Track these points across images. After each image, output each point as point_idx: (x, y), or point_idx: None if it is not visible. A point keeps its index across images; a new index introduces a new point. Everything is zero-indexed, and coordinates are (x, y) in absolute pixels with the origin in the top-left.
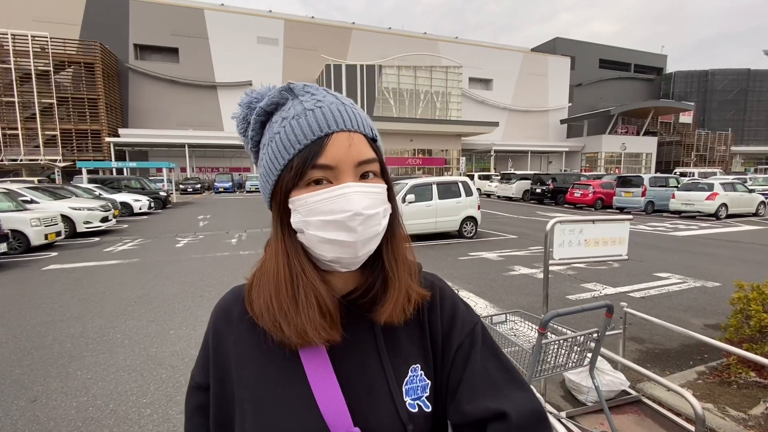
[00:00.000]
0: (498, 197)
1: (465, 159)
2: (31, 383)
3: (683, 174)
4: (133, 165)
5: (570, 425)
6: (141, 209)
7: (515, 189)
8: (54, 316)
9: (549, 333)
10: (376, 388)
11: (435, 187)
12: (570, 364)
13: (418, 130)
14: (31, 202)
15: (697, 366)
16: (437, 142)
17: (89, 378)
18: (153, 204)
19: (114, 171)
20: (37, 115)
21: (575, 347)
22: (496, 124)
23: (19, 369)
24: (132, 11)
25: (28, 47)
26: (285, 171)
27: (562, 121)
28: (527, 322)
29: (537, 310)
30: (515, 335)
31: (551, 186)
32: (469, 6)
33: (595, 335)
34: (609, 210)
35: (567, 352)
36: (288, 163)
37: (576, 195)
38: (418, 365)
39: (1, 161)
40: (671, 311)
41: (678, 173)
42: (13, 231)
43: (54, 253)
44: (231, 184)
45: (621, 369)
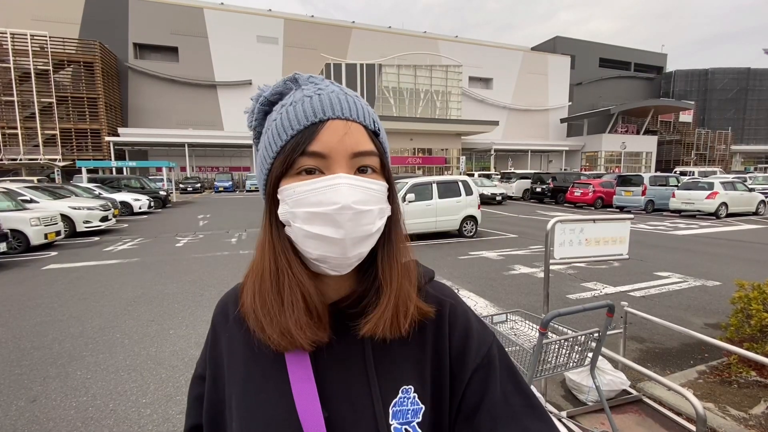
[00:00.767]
0: None
1: (465, 158)
2: (31, 383)
3: (683, 173)
4: (133, 164)
5: (571, 425)
6: (141, 209)
7: (515, 188)
8: (53, 315)
9: (550, 333)
10: (359, 406)
11: (435, 186)
12: (571, 363)
13: (417, 129)
14: (31, 201)
15: (698, 365)
16: (437, 141)
17: (89, 378)
18: (153, 203)
19: (114, 170)
20: (37, 115)
21: (576, 347)
22: (496, 123)
23: (19, 369)
24: (131, 10)
25: (27, 46)
26: (277, 158)
27: (562, 120)
28: (528, 321)
29: (537, 309)
30: (516, 335)
31: (551, 185)
32: (469, 4)
33: (596, 335)
34: (609, 209)
35: (568, 351)
36: (281, 150)
37: (576, 194)
38: (411, 387)
39: (1, 161)
40: (672, 310)
41: (678, 172)
42: (13, 230)
43: (53, 253)
44: (231, 183)
45: (622, 368)
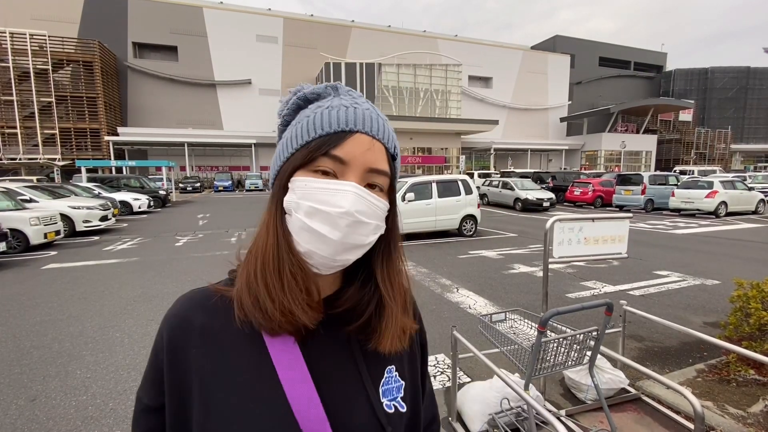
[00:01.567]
0: None
1: (464, 157)
2: (31, 382)
3: (683, 172)
4: (133, 164)
5: (569, 423)
6: (140, 208)
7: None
8: (53, 315)
9: (548, 331)
10: (352, 390)
11: (434, 186)
12: (569, 362)
13: (417, 128)
14: (30, 201)
15: (697, 364)
16: (437, 140)
17: (88, 377)
18: (152, 203)
19: (113, 170)
20: (36, 114)
21: (575, 345)
22: (495, 122)
23: (18, 368)
24: (130, 9)
25: (26, 46)
26: (300, 150)
27: (561, 119)
28: (527, 320)
29: (536, 308)
30: (515, 333)
31: (551, 184)
32: (468, 3)
33: (595, 333)
34: (608, 208)
35: (566, 350)
36: (306, 144)
37: (576, 193)
38: (393, 366)
39: (0, 160)
40: (671, 309)
41: (678, 171)
42: (13, 230)
43: (53, 252)
44: (230, 182)
45: (620, 367)
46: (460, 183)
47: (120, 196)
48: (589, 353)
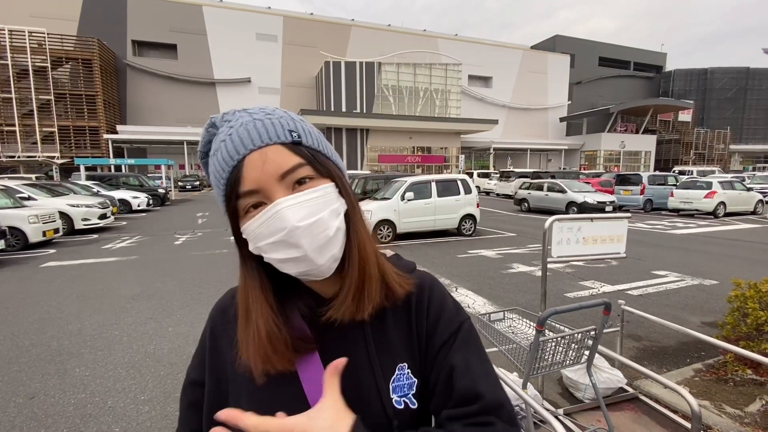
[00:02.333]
0: (497, 195)
1: (464, 157)
2: (29, 380)
3: (682, 172)
4: (132, 162)
5: (567, 422)
6: (139, 206)
7: (514, 187)
8: (52, 313)
9: (547, 330)
10: (364, 385)
11: (434, 185)
12: (567, 361)
13: (417, 127)
14: (29, 199)
15: (694, 363)
16: (436, 139)
17: (87, 375)
18: (151, 201)
19: (112, 168)
20: (35, 112)
21: (573, 344)
22: (495, 121)
23: (17, 366)
24: (130, 7)
25: (25, 43)
26: (227, 207)
27: (561, 119)
28: (525, 319)
29: (535, 307)
30: (513, 333)
31: None
32: (468, 3)
33: (593, 333)
34: None
35: (565, 349)
36: (225, 199)
37: None
38: (405, 364)
39: None
40: (669, 309)
41: (677, 171)
42: (11, 228)
43: (52, 250)
44: None
45: (618, 366)
46: (459, 182)
47: (119, 194)
48: (587, 352)
